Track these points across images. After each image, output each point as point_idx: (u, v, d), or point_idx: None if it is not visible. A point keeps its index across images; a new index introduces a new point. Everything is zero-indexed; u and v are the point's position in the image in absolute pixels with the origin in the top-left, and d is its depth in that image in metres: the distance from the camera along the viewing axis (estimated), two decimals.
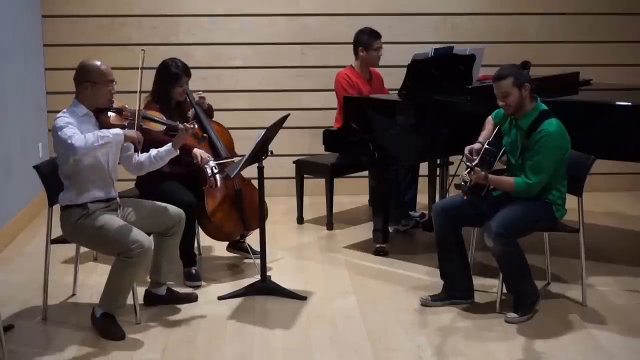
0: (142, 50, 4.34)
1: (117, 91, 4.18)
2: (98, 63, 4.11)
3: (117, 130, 4.04)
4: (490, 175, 4.16)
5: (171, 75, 4.83)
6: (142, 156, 4.30)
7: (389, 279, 4.92)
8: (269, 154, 4.61)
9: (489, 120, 4.54)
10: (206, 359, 3.88)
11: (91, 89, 4.08)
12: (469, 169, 4.16)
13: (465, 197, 4.19)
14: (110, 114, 4.14)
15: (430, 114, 5.20)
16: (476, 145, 4.38)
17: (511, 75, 4.19)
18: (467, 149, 4.36)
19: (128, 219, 4.19)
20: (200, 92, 5.09)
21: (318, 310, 4.42)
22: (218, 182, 4.91)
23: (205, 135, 4.87)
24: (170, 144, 4.30)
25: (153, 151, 4.31)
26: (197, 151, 4.78)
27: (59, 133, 3.95)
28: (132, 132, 4.10)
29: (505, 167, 4.37)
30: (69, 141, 3.90)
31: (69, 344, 3.99)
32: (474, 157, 4.29)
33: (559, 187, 4.27)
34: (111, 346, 3.95)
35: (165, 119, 4.49)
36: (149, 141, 4.48)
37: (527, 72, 4.35)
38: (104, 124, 4.12)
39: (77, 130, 3.95)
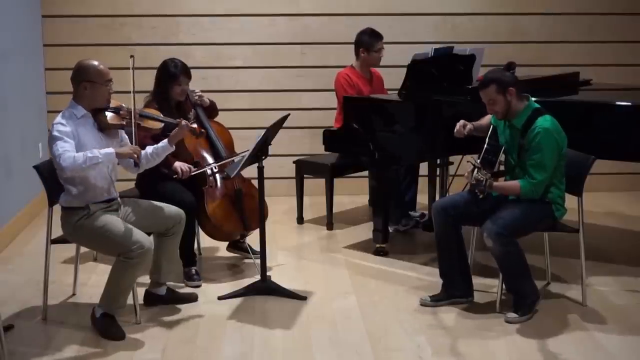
0: (131, 56, 4.28)
1: (117, 91, 4.18)
2: (95, 63, 4.10)
3: (109, 150, 3.99)
4: (495, 183, 4.15)
5: (169, 74, 4.84)
6: None
7: (389, 279, 4.92)
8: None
9: (488, 116, 4.54)
10: (206, 359, 3.88)
11: (90, 89, 4.07)
12: (475, 168, 4.11)
13: (481, 196, 4.10)
14: (108, 113, 4.14)
15: (430, 114, 5.20)
16: (468, 125, 4.41)
17: (493, 83, 4.19)
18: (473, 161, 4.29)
19: (128, 219, 4.18)
20: (197, 91, 5.07)
21: (318, 310, 4.42)
22: (218, 182, 4.92)
23: (203, 130, 4.83)
24: (166, 140, 4.30)
25: (149, 148, 4.31)
26: (177, 164, 4.75)
27: (52, 145, 3.97)
28: (126, 149, 4.07)
29: (503, 168, 4.36)
30: (58, 160, 3.91)
31: (69, 344, 3.99)
32: (466, 130, 4.28)
33: (558, 184, 4.27)
34: (111, 346, 3.95)
35: (162, 116, 4.48)
36: (145, 137, 4.50)
37: (511, 74, 4.33)
38: (102, 124, 4.11)
39: (69, 146, 3.93)
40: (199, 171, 4.77)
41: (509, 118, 4.28)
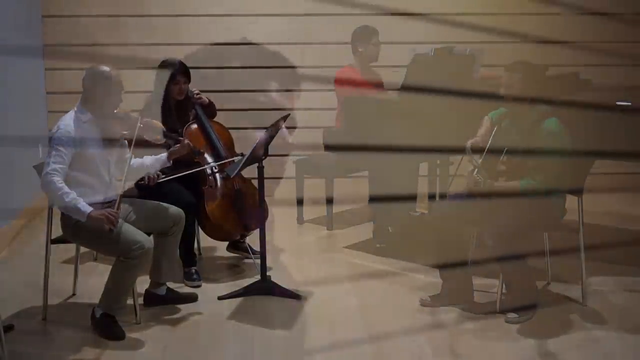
0: (140, 124, 4.17)
1: None
2: (108, 69, 4.07)
3: (83, 209, 3.87)
4: (495, 184, 4.15)
5: (166, 74, 4.85)
6: (135, 162, 4.31)
7: (389, 279, 4.92)
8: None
9: (486, 120, 4.54)
10: (206, 359, 3.88)
11: (100, 95, 4.06)
12: (475, 168, 4.14)
13: (478, 197, 4.13)
14: (113, 121, 4.13)
15: (430, 114, 5.19)
16: (476, 140, 4.38)
17: (522, 73, 4.20)
18: (468, 143, 4.35)
19: (128, 219, 4.18)
20: (195, 90, 5.07)
21: (318, 310, 4.42)
22: (218, 182, 4.92)
23: (202, 151, 4.84)
24: (165, 154, 4.33)
25: (147, 159, 4.32)
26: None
27: (48, 153, 3.96)
28: (100, 215, 3.88)
29: (504, 168, 4.36)
30: (44, 173, 3.90)
31: (69, 344, 3.99)
32: (475, 156, 4.28)
33: (559, 186, 4.27)
34: (111, 346, 3.96)
35: (166, 130, 4.49)
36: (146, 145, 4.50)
37: (541, 76, 4.35)
38: (105, 131, 4.10)
39: (61, 164, 3.91)
40: (220, 162, 4.85)
41: (515, 117, 4.27)
